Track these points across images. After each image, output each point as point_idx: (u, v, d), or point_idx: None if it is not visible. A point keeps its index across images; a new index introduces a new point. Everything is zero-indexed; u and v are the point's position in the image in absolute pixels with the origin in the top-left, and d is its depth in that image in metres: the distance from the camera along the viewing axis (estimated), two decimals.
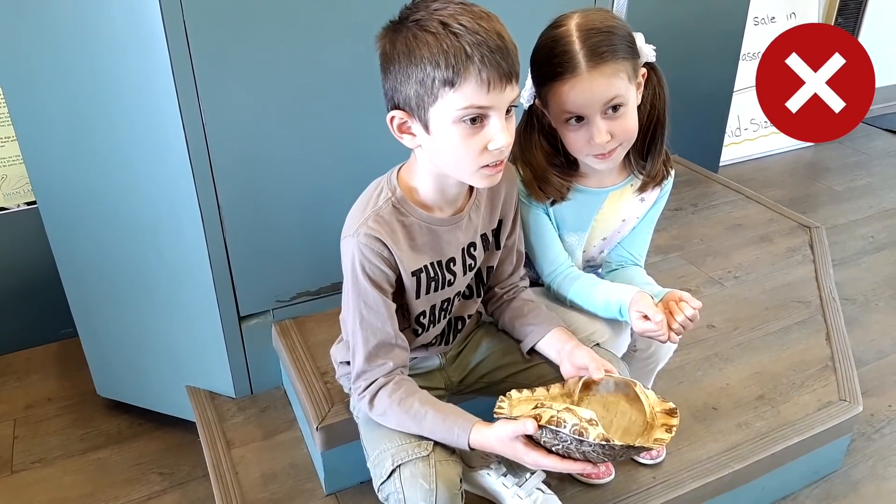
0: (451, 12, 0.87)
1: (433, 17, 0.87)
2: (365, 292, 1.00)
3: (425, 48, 0.87)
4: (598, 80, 1.02)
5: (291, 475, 1.36)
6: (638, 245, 1.28)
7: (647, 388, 1.01)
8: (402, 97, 0.92)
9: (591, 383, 1.04)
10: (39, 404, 1.80)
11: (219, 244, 1.35)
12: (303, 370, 1.37)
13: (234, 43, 1.21)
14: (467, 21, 0.86)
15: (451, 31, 0.86)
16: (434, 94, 0.88)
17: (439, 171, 0.99)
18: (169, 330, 1.53)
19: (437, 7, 0.88)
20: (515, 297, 1.18)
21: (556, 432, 0.89)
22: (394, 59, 0.90)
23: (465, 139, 0.91)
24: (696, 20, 2.42)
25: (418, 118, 0.92)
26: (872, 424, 1.69)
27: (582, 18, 1.03)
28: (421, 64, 0.87)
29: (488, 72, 0.87)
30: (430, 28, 0.87)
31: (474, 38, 0.86)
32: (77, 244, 1.50)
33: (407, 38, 0.88)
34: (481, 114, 0.90)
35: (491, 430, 0.95)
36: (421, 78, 0.88)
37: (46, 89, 1.32)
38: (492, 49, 0.86)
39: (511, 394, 1.03)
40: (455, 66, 0.86)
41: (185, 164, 1.26)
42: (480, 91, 0.88)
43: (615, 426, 1.01)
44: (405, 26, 0.89)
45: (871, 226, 2.54)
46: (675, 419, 0.95)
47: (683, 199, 2.26)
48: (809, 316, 1.75)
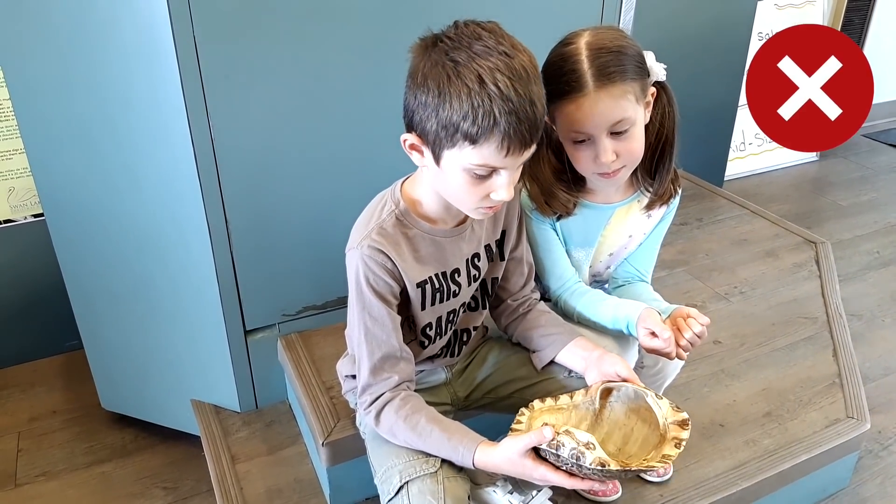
0: (491, 66, 0.85)
1: (472, 65, 0.85)
2: (370, 304, 1.00)
3: (456, 99, 0.86)
4: (606, 102, 1.01)
5: (296, 490, 1.35)
6: (645, 261, 1.28)
7: (661, 397, 1.00)
8: (421, 126, 0.91)
9: (610, 391, 1.03)
10: (44, 417, 1.80)
11: (226, 258, 1.35)
12: (308, 385, 1.37)
13: (243, 58, 1.22)
14: (504, 83, 0.85)
15: (486, 92, 0.85)
16: (453, 142, 0.89)
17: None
18: (174, 343, 1.53)
19: (479, 51, 0.86)
20: (531, 309, 1.18)
21: (557, 455, 0.89)
22: (422, 87, 0.89)
23: (470, 186, 0.93)
24: (700, 35, 2.43)
25: (431, 151, 0.92)
26: (880, 442, 1.68)
27: (592, 37, 1.03)
28: (448, 110, 0.87)
29: (511, 141, 0.87)
30: (465, 78, 0.85)
31: (507, 105, 0.85)
32: (84, 257, 1.50)
33: (441, 75, 0.87)
34: (492, 171, 0.91)
35: (497, 449, 0.95)
36: (444, 122, 0.88)
37: (55, 101, 1.32)
38: (520, 119, 0.86)
39: (534, 404, 1.02)
40: (481, 128, 0.86)
41: (194, 177, 1.26)
42: (498, 155, 0.89)
43: (635, 436, 1.00)
44: (442, 61, 0.87)
45: (877, 241, 2.54)
46: (686, 432, 0.94)
47: (689, 213, 2.25)
48: (816, 332, 1.75)
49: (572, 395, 1.04)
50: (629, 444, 1.01)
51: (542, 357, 1.14)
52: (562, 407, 1.03)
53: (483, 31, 0.88)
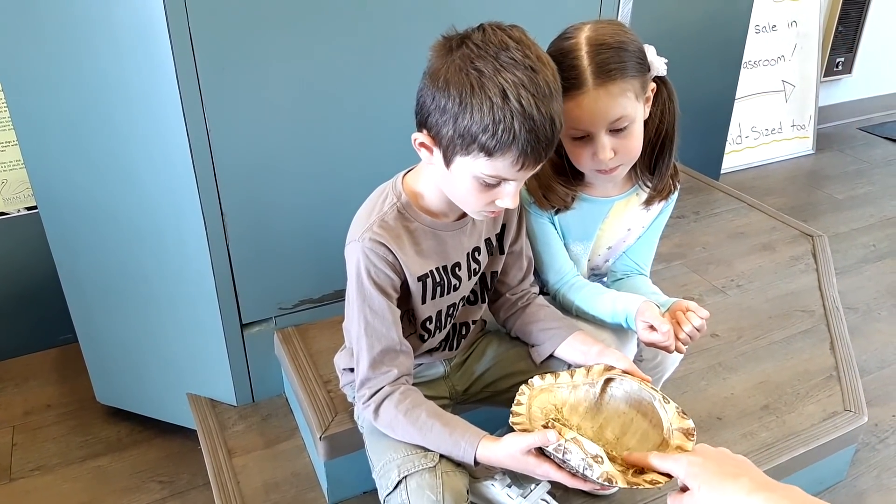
0: (516, 80, 0.84)
1: (498, 77, 0.84)
2: (370, 297, 0.99)
3: (478, 111, 0.84)
4: (605, 99, 1.00)
5: (293, 484, 1.35)
6: (643, 254, 1.27)
7: (668, 400, 0.99)
8: (436, 129, 0.90)
9: (611, 379, 1.02)
10: (38, 411, 1.79)
11: (221, 250, 1.34)
12: (305, 379, 1.36)
13: (240, 48, 1.21)
14: (527, 100, 0.84)
15: (509, 107, 0.83)
16: (468, 151, 0.88)
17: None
18: (170, 337, 1.52)
19: (505, 62, 0.84)
20: (530, 303, 1.17)
21: (563, 461, 0.89)
22: (443, 91, 0.87)
23: (477, 192, 0.92)
24: (698, 28, 2.42)
25: (443, 154, 0.92)
26: (877, 434, 1.69)
27: (592, 31, 1.02)
28: (468, 120, 0.85)
29: (526, 157, 0.87)
30: (489, 90, 0.84)
31: (528, 123, 0.84)
32: (78, 250, 1.49)
33: (464, 84, 0.85)
34: (502, 181, 0.91)
35: (499, 444, 0.94)
36: (462, 131, 0.86)
37: (48, 93, 1.31)
38: (539, 138, 0.86)
39: (533, 381, 1.01)
40: (499, 143, 0.85)
41: (189, 169, 1.25)
42: (512, 169, 0.88)
43: (633, 427, 0.99)
44: (466, 68, 0.85)
45: (873, 234, 2.54)
46: (691, 443, 0.92)
47: (685, 206, 2.25)
48: (813, 325, 1.75)
49: (573, 373, 1.03)
50: (627, 434, 0.99)
51: (542, 351, 1.13)
52: (561, 385, 1.02)
53: (510, 41, 0.86)
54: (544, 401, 1.00)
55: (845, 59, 3.29)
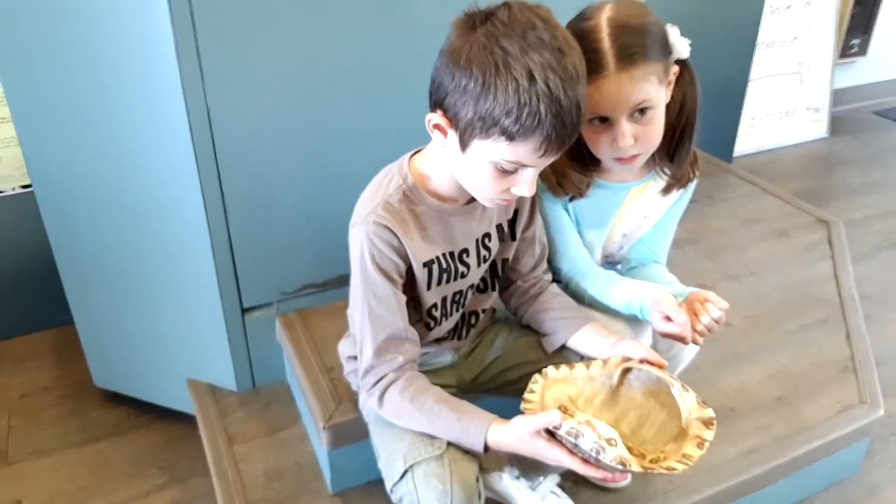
0: (544, 62, 0.80)
1: (524, 59, 0.79)
2: (374, 283, 0.96)
3: (502, 93, 0.80)
4: (627, 84, 0.96)
5: (296, 473, 1.32)
6: (659, 242, 1.23)
7: (687, 389, 0.95)
8: (454, 110, 0.85)
9: (629, 371, 0.99)
10: (35, 393, 1.76)
11: (222, 233, 1.30)
12: (308, 366, 1.33)
13: (242, 26, 1.16)
14: (554, 83, 0.80)
15: (535, 90, 0.79)
16: (488, 134, 0.84)
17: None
18: (169, 320, 1.48)
19: (532, 41, 0.80)
20: (542, 291, 1.13)
21: (575, 444, 0.85)
22: (465, 71, 0.82)
23: (493, 178, 0.89)
24: (712, 8, 2.36)
25: (459, 136, 0.87)
26: (891, 427, 1.65)
27: (614, 12, 0.97)
28: (491, 102, 0.81)
29: (550, 143, 0.83)
30: (515, 71, 0.79)
31: (555, 107, 0.80)
32: (74, 230, 1.45)
33: (488, 63, 0.80)
34: (520, 168, 0.88)
35: (509, 427, 0.91)
36: (483, 113, 0.82)
37: (43, 69, 1.26)
38: (564, 123, 0.82)
39: (547, 371, 0.97)
40: (523, 127, 0.81)
41: (189, 149, 1.21)
42: (533, 155, 0.85)
43: (651, 419, 0.95)
44: (491, 47, 0.81)
45: (888, 221, 2.49)
46: (710, 432, 0.89)
47: (698, 190, 2.16)
48: (829, 314, 1.71)
49: (588, 364, 0.99)
50: (645, 426, 0.96)
51: (553, 341, 1.09)
52: (576, 377, 0.98)
53: (538, 20, 0.82)
54: (559, 391, 0.96)
55: (861, 40, 3.22)
